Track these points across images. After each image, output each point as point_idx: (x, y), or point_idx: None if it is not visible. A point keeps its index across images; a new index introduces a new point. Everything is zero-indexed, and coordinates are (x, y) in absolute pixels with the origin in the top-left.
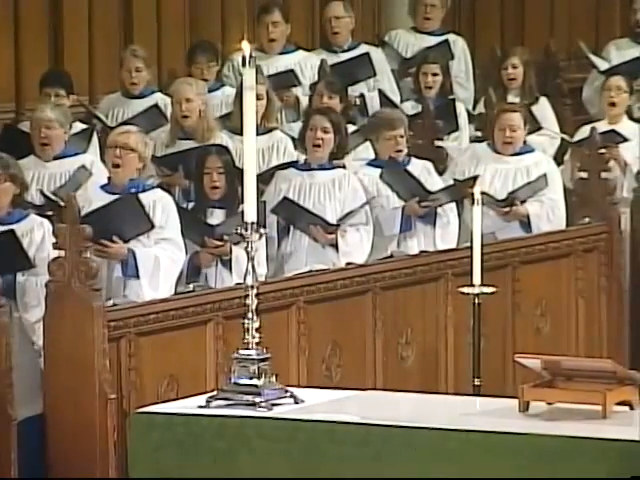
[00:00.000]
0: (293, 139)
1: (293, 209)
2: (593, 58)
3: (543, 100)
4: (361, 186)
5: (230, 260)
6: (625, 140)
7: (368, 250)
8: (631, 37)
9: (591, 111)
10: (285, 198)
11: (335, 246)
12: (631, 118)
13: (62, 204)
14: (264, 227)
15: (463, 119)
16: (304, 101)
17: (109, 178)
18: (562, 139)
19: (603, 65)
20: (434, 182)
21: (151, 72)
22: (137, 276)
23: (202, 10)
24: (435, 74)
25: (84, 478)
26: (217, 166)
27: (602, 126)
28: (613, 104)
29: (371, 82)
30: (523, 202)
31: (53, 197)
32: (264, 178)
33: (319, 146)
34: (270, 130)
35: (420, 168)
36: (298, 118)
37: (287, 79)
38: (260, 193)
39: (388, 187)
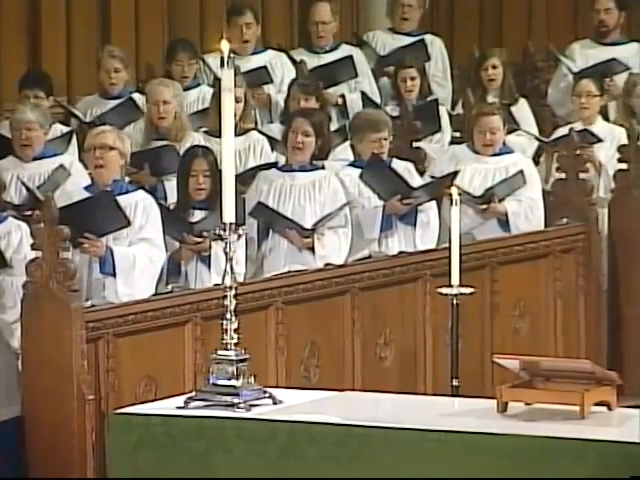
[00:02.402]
0: (270, 140)
1: (267, 213)
2: (565, 61)
3: (522, 101)
4: (342, 188)
5: (209, 257)
6: (599, 140)
7: (346, 253)
8: (593, 37)
9: (559, 112)
10: (259, 202)
11: (312, 250)
12: (605, 119)
13: (42, 198)
14: (243, 224)
15: (445, 120)
16: (275, 99)
17: (92, 179)
18: (540, 140)
19: (575, 68)
20: (415, 183)
21: (129, 72)
22: (114, 274)
23: (180, 10)
24: (413, 78)
25: (62, 479)
26: (203, 169)
27: (576, 126)
28: (585, 108)
29: (352, 83)
30: (501, 200)
31: (35, 191)
32: (243, 179)
33: (300, 149)
34: (247, 131)
35: (402, 169)
36: (271, 118)
37: (259, 76)
38: (240, 194)
39: (369, 188)
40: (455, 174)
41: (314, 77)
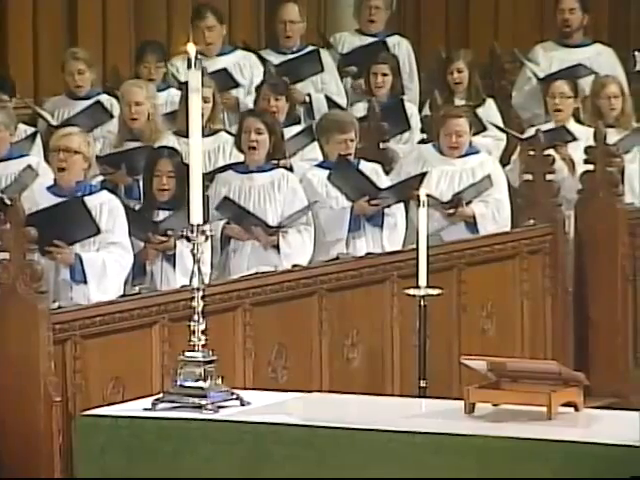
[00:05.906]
0: None
1: (233, 209)
2: (530, 65)
3: (490, 102)
4: (300, 186)
5: (174, 256)
6: (574, 139)
7: (310, 251)
8: (556, 39)
9: (523, 116)
10: (226, 198)
11: (277, 248)
12: (578, 121)
13: (8, 202)
14: (208, 222)
15: (415, 118)
16: (245, 102)
17: (55, 180)
18: (515, 137)
19: (540, 73)
20: (382, 184)
21: (95, 72)
22: (85, 281)
23: (147, 11)
24: (385, 74)
25: (29, 479)
26: (168, 170)
27: (543, 127)
28: (558, 110)
29: (319, 83)
30: (468, 203)
31: (3, 196)
32: (210, 179)
33: (254, 148)
34: (216, 132)
35: (369, 171)
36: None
37: (221, 79)
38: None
39: (336, 189)
40: (423, 176)
41: (280, 72)
